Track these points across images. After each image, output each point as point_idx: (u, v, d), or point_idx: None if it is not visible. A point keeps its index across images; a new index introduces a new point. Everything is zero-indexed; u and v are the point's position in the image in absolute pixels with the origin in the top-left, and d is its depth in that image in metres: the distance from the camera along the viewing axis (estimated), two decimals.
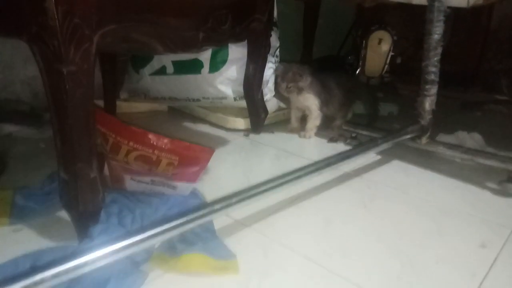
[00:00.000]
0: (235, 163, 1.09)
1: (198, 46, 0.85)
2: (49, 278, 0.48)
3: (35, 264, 0.60)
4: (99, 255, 0.53)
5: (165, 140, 0.70)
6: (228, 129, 1.30)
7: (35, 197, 0.81)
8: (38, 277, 0.48)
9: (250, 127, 1.29)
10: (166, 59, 1.29)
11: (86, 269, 0.53)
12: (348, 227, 0.78)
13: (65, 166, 0.64)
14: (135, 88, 1.39)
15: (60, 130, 0.62)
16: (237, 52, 1.25)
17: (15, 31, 0.61)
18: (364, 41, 1.57)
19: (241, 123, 1.29)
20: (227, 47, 1.24)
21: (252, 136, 1.26)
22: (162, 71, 1.30)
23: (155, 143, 0.70)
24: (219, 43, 0.96)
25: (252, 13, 1.03)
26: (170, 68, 1.29)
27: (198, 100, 1.32)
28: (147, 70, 1.32)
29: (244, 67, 1.21)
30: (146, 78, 1.33)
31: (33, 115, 1.23)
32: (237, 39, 1.04)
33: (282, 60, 1.38)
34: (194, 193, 0.82)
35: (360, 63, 1.59)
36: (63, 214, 0.77)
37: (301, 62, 1.56)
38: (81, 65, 0.59)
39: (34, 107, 1.28)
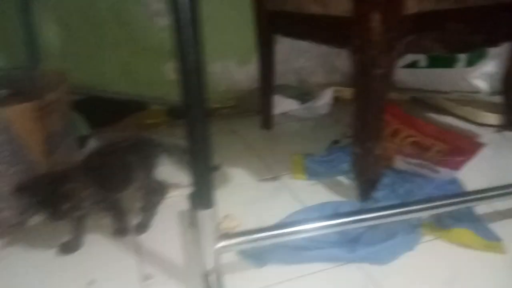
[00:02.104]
0: (486, 158, 1.10)
1: (473, 48, 0.92)
2: (350, 222, 0.70)
3: (336, 211, 0.85)
4: (383, 213, 0.72)
5: (441, 131, 0.83)
6: (478, 124, 1.30)
7: (320, 163, 1.08)
8: (341, 220, 0.70)
9: (503, 123, 1.26)
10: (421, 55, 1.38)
11: (376, 222, 0.72)
12: None
13: (360, 142, 0.86)
14: None
15: (362, 116, 0.84)
16: (498, 47, 1.23)
17: (340, 42, 0.85)
18: None
19: (493, 118, 1.27)
20: None
21: (505, 133, 1.23)
22: (414, 64, 1.41)
23: (432, 133, 0.83)
24: (493, 44, 1.00)
25: None
26: (423, 62, 1.38)
27: (446, 92, 1.38)
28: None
29: (504, 62, 1.19)
30: (396, 70, 1.47)
31: (301, 98, 1.56)
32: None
33: None
34: (454, 180, 0.92)
35: None
36: (342, 179, 1.01)
37: None
38: (387, 68, 0.78)
39: (301, 92, 1.61)
